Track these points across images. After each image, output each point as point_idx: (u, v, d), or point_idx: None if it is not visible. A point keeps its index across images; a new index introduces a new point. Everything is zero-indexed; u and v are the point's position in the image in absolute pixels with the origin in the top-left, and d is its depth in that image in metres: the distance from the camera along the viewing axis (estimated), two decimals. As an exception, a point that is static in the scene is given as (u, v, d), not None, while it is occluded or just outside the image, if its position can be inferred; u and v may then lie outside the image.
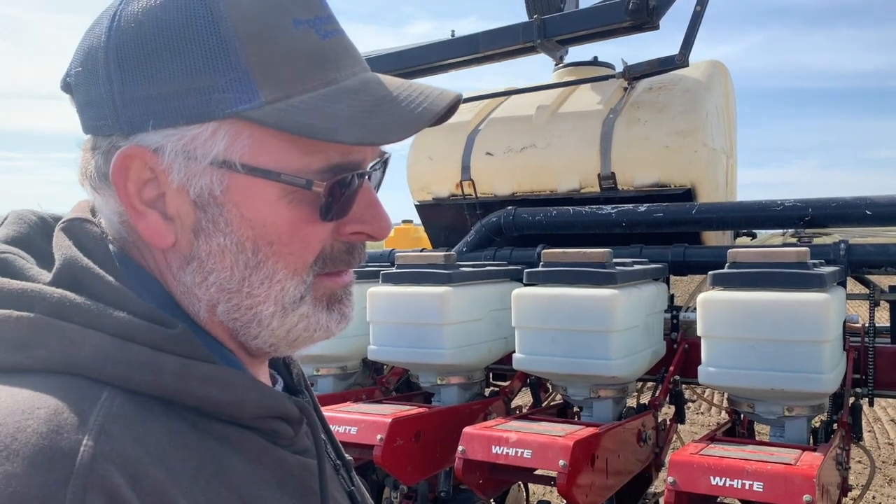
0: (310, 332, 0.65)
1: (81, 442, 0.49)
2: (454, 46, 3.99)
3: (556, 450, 2.17)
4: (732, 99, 4.13)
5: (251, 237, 0.61)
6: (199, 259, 0.61)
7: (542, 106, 3.77)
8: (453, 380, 2.91)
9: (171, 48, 0.57)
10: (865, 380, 2.75)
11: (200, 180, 0.59)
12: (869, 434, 6.53)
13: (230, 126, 0.58)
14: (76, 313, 0.55)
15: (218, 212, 0.60)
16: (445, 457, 2.63)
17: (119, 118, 0.59)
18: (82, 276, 0.57)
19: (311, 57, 0.60)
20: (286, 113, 0.58)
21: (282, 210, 0.60)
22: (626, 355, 2.52)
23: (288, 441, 0.64)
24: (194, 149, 0.58)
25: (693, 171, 3.45)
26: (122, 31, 0.58)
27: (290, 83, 0.59)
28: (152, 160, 0.59)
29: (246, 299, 0.62)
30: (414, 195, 4.17)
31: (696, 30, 3.36)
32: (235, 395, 0.58)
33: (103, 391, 0.53)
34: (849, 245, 2.85)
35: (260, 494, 0.59)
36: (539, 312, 2.57)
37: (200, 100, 0.57)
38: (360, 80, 0.62)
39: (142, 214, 0.61)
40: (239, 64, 0.57)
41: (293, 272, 0.62)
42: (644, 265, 2.84)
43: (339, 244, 0.65)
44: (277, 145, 0.59)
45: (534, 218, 3.44)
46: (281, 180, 0.59)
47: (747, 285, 2.33)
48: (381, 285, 2.88)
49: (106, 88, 0.59)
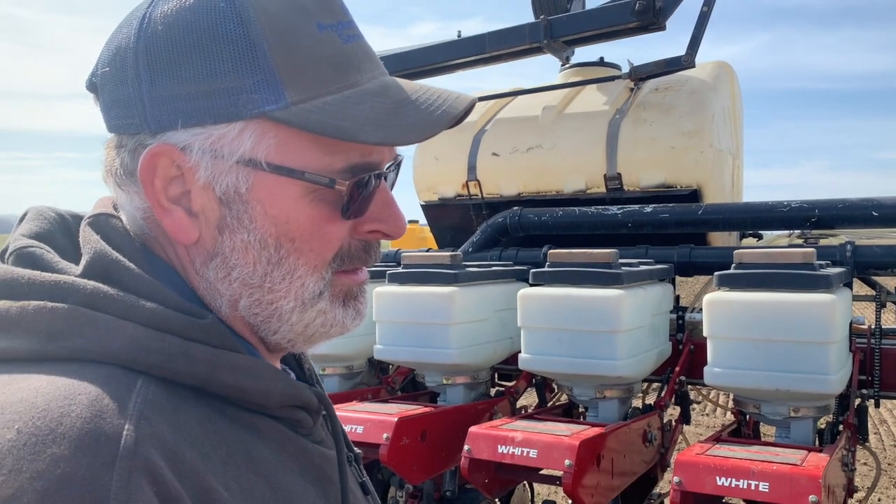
0: (326, 328, 0.67)
1: (124, 426, 0.51)
2: (461, 47, 3.99)
3: (561, 450, 2.17)
4: (739, 100, 4.13)
5: (274, 234, 0.63)
6: (223, 255, 0.63)
7: (549, 106, 3.78)
8: (459, 379, 2.92)
9: (200, 49, 0.59)
10: (871, 381, 2.74)
11: (226, 178, 0.61)
12: (875, 436, 6.52)
13: (257, 126, 0.60)
14: (109, 304, 0.57)
15: (243, 209, 0.62)
16: (451, 456, 2.63)
17: (147, 117, 0.60)
18: (113, 268, 0.59)
19: (335, 60, 0.62)
20: (312, 114, 0.60)
21: (304, 208, 0.63)
22: (632, 356, 2.52)
23: (308, 430, 0.67)
24: (221, 147, 0.60)
25: (699, 172, 3.45)
26: (152, 33, 0.60)
27: (315, 85, 0.61)
28: (180, 158, 0.61)
29: (268, 294, 0.64)
30: (420, 195, 4.18)
31: (702, 30, 3.36)
32: (262, 383, 0.61)
33: (138, 379, 0.55)
34: (855, 246, 2.85)
35: (286, 481, 0.61)
36: (545, 312, 2.57)
37: (228, 100, 0.59)
38: (381, 84, 0.65)
39: (167, 211, 0.62)
40: (266, 66, 0.59)
41: (313, 268, 0.64)
42: (650, 266, 2.84)
43: (357, 242, 0.67)
44: (302, 145, 0.61)
45: (540, 218, 3.45)
46: (305, 179, 0.61)
47: (753, 286, 2.33)
48: (388, 285, 2.88)
49: (135, 88, 0.60)
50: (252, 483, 0.57)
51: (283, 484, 0.60)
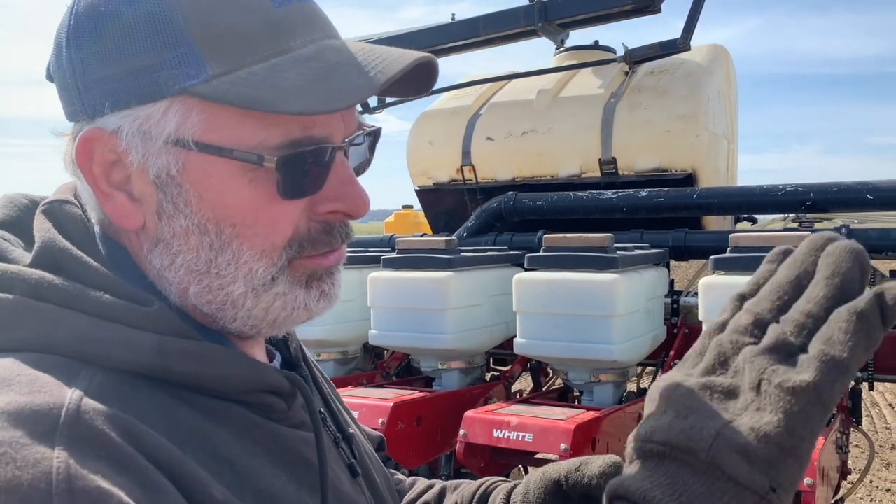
0: (288, 311, 0.63)
1: (65, 399, 0.49)
2: (454, 30, 3.96)
3: (557, 433, 2.18)
4: (734, 83, 4.12)
5: (213, 218, 0.59)
6: (165, 241, 0.60)
7: (543, 90, 3.76)
8: (454, 364, 2.91)
9: (120, 28, 0.57)
10: (865, 364, 2.75)
11: (158, 160, 0.58)
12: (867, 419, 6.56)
13: (181, 103, 0.57)
14: (54, 294, 0.56)
15: (177, 192, 0.59)
16: (446, 441, 2.64)
17: (83, 102, 0.59)
18: (60, 257, 0.58)
19: (262, 26, 0.58)
20: (233, 86, 0.56)
21: (242, 189, 0.58)
22: (627, 340, 2.52)
23: (282, 415, 0.64)
24: (149, 128, 0.58)
25: (694, 156, 3.44)
26: (80, 16, 0.59)
27: (239, 55, 0.57)
28: (111, 141, 0.59)
29: (216, 280, 0.60)
30: (414, 180, 4.16)
31: (698, 13, 3.34)
32: (216, 370, 0.58)
33: (82, 370, 0.53)
34: (850, 230, 2.85)
35: (250, 465, 0.58)
36: (540, 297, 2.57)
37: (150, 78, 0.57)
38: (317, 48, 0.60)
39: (108, 196, 0.60)
40: (184, 39, 0.56)
41: (261, 253, 0.60)
42: (645, 250, 2.84)
43: (317, 225, 0.62)
44: (231, 121, 0.57)
45: (534, 203, 3.44)
46: (234, 157, 0.57)
47: (749, 270, 2.32)
48: (382, 270, 2.87)
49: (70, 73, 0.59)
50: (209, 467, 0.55)
51: (247, 468, 0.57)
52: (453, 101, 4.12)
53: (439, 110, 4.13)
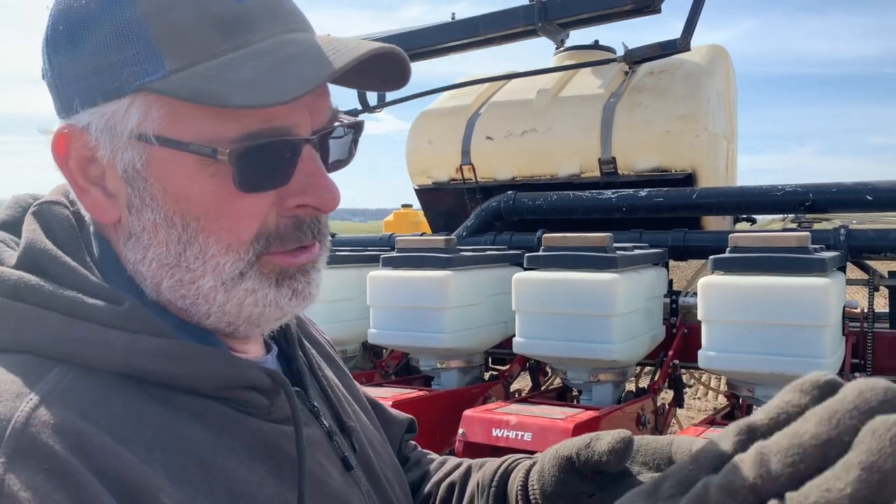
0: (260, 308, 0.62)
1: (17, 409, 0.50)
2: (454, 29, 3.96)
3: (556, 433, 2.18)
4: (733, 83, 4.12)
5: (178, 212, 0.60)
6: (136, 235, 0.62)
7: (543, 90, 3.76)
8: (453, 363, 2.92)
9: (87, 27, 0.59)
10: (864, 364, 2.76)
11: (124, 155, 0.60)
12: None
13: (142, 99, 0.58)
14: (30, 294, 0.57)
15: (143, 186, 0.60)
16: (445, 440, 2.64)
17: (61, 100, 0.61)
18: (41, 257, 0.60)
19: (221, 22, 0.58)
20: (188, 81, 0.57)
21: (204, 183, 0.59)
22: (626, 339, 2.53)
23: (264, 410, 0.64)
24: (115, 124, 0.59)
25: (694, 156, 3.44)
26: (54, 16, 0.61)
27: (197, 51, 0.57)
28: (82, 138, 0.60)
29: (186, 273, 0.61)
30: (413, 179, 4.16)
31: (698, 13, 3.34)
32: (187, 368, 0.58)
33: (53, 368, 0.55)
34: (849, 230, 2.85)
35: (222, 463, 0.58)
36: (539, 296, 2.57)
37: (114, 75, 0.58)
38: (275, 42, 0.59)
39: (85, 191, 0.62)
40: (144, 36, 0.57)
41: (227, 248, 0.60)
42: (644, 250, 2.84)
43: (286, 220, 0.62)
44: (191, 115, 0.58)
45: (534, 202, 3.44)
46: (189, 150, 0.58)
47: (748, 270, 2.33)
48: (382, 269, 2.87)
49: (50, 73, 0.62)
50: (180, 465, 0.55)
51: (219, 465, 0.58)
52: (453, 101, 4.12)
53: (439, 110, 4.13)
